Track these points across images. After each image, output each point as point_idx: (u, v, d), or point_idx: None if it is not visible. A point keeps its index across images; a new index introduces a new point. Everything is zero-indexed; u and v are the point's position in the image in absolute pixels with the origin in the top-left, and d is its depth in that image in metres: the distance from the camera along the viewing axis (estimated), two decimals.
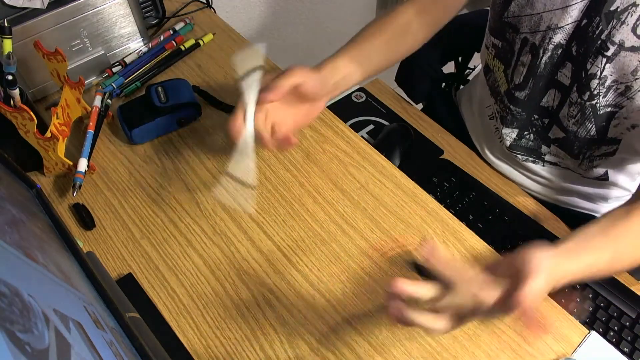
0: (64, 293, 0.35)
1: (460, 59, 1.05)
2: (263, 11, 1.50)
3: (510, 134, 0.78)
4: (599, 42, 0.60)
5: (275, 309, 0.59)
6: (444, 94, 1.03)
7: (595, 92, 0.63)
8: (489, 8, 0.96)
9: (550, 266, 0.46)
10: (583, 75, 0.63)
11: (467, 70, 1.06)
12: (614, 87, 0.62)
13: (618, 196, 0.78)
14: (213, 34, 0.90)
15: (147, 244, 0.65)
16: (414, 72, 1.00)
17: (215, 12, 0.97)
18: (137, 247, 0.65)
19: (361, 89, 0.97)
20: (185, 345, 0.57)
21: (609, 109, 0.65)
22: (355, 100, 0.95)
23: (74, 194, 0.66)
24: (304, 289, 0.61)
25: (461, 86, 1.06)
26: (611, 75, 0.61)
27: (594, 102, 0.64)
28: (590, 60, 0.61)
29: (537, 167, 0.80)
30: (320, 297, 0.60)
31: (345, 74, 0.65)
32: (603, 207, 0.81)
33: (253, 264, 0.63)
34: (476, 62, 1.04)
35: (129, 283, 0.61)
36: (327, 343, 0.57)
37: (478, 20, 0.96)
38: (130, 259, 0.64)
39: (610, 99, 0.63)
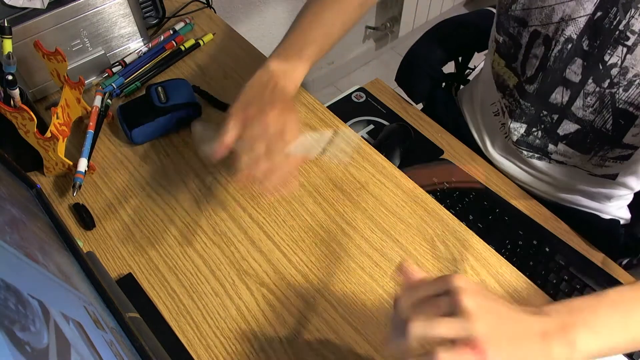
0: (64, 293, 0.35)
1: (460, 59, 1.05)
2: (263, 11, 1.50)
3: (518, 129, 0.77)
4: (617, 32, 0.59)
5: (275, 309, 0.59)
6: (444, 94, 1.03)
7: (615, 81, 0.63)
8: (489, 8, 0.96)
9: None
10: (601, 68, 0.63)
11: (467, 70, 1.06)
12: (636, 82, 0.61)
13: (621, 195, 0.78)
14: (213, 34, 0.90)
15: (147, 244, 0.65)
16: (414, 72, 1.00)
17: (215, 12, 0.97)
18: (137, 247, 0.65)
19: (361, 89, 0.97)
20: (185, 345, 0.57)
21: (630, 109, 0.64)
22: (355, 100, 0.95)
23: (74, 194, 0.66)
24: (304, 289, 0.61)
25: (461, 86, 1.06)
26: (632, 67, 0.60)
27: (613, 90, 0.64)
28: (609, 51, 0.61)
29: (542, 164, 0.80)
30: (320, 297, 0.60)
31: (311, 64, 0.63)
32: (606, 206, 0.81)
33: (253, 264, 0.63)
34: (476, 62, 1.04)
35: (129, 283, 0.61)
36: (326, 343, 0.57)
37: (478, 21, 0.96)
38: (130, 259, 0.64)
39: (633, 95, 0.63)
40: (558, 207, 0.82)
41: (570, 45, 0.64)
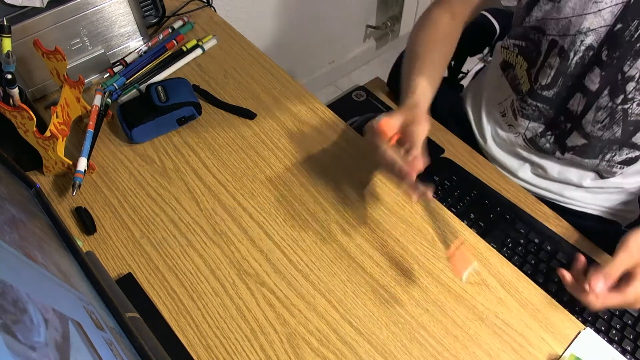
0: (63, 293, 0.35)
1: (452, 63, 1.04)
2: (263, 10, 1.50)
3: (536, 128, 0.77)
4: (638, 44, 0.59)
5: (275, 308, 0.59)
6: (446, 92, 1.03)
7: (630, 96, 0.63)
8: (483, 12, 0.96)
9: None
10: (619, 78, 0.63)
11: (460, 75, 1.05)
12: None
13: (626, 191, 0.79)
14: (213, 35, 0.90)
15: (147, 244, 0.65)
16: None
17: (215, 10, 0.97)
18: (137, 247, 0.64)
19: (361, 88, 0.97)
20: (185, 345, 0.57)
21: None
22: (356, 99, 0.95)
23: (74, 194, 0.66)
24: (304, 289, 0.61)
25: (464, 85, 1.06)
26: None
27: (626, 105, 0.64)
28: (629, 63, 0.61)
29: (546, 163, 0.79)
30: (320, 297, 0.60)
31: (429, 95, 0.68)
32: (606, 203, 0.80)
33: (253, 264, 0.63)
34: (469, 66, 1.04)
35: (128, 283, 0.61)
36: (327, 343, 0.57)
37: (472, 24, 0.96)
38: (130, 259, 0.63)
39: None
40: (559, 206, 0.82)
41: (591, 53, 0.64)
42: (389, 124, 0.58)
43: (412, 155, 0.57)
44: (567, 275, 0.56)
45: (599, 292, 0.52)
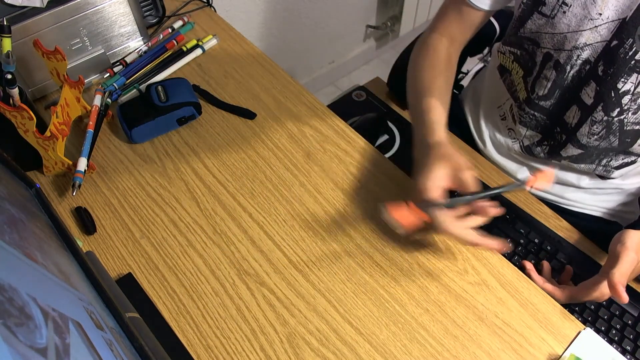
0: (63, 293, 0.34)
1: None
2: (263, 10, 1.50)
3: (533, 137, 0.77)
4: (633, 62, 0.59)
5: (275, 308, 0.59)
6: None
7: (626, 108, 0.63)
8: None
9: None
10: (613, 95, 0.62)
11: (460, 75, 1.05)
12: None
13: (626, 192, 0.78)
14: (213, 35, 0.90)
15: (147, 244, 0.65)
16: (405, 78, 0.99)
17: (215, 10, 0.97)
18: (136, 247, 0.64)
19: (361, 88, 0.97)
20: (185, 345, 0.57)
21: (637, 127, 0.64)
22: (356, 99, 0.95)
23: (74, 194, 0.66)
24: (304, 289, 0.61)
25: (463, 85, 1.06)
26: None
27: (622, 117, 0.64)
28: (622, 79, 0.61)
29: (544, 168, 0.79)
30: (320, 297, 0.60)
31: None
32: (606, 204, 0.80)
33: (253, 264, 0.63)
34: (469, 66, 1.04)
35: (128, 283, 0.61)
36: (327, 343, 0.57)
37: None
38: (130, 259, 0.63)
39: None
40: (560, 207, 0.82)
41: (588, 67, 0.64)
42: (437, 189, 0.57)
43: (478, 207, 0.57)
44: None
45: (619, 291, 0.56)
